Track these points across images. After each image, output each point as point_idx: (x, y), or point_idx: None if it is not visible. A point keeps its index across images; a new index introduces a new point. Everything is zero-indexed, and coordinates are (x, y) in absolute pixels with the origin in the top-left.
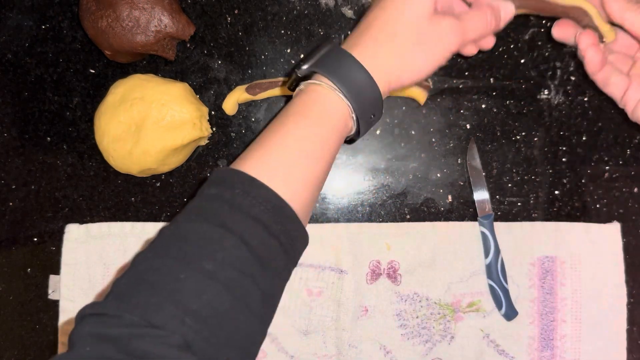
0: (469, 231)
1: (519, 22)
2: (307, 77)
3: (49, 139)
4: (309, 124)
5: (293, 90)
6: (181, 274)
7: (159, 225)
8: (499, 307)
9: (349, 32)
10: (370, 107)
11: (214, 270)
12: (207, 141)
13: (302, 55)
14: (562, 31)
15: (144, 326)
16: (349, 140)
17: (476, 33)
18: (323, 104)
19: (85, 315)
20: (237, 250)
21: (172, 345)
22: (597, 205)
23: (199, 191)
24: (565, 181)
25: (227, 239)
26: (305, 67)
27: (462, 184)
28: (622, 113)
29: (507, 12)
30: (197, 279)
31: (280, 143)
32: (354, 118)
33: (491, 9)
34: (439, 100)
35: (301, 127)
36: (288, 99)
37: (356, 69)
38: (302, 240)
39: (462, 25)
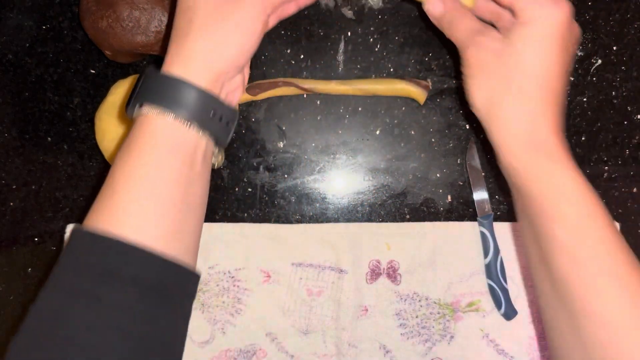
0: (468, 231)
1: None
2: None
3: (49, 139)
4: (140, 155)
5: None
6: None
7: None
8: (499, 307)
9: (349, 33)
10: (203, 107)
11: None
12: None
13: (301, 56)
14: None
15: None
16: (221, 144)
17: None
18: (145, 129)
19: None
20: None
21: None
22: None
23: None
24: None
25: (78, 302)
26: (129, 106)
27: (461, 184)
28: (621, 113)
29: None
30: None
31: (117, 182)
32: (193, 125)
33: None
34: (439, 100)
35: (131, 159)
36: (288, 98)
37: (163, 78)
38: (170, 271)
39: None
